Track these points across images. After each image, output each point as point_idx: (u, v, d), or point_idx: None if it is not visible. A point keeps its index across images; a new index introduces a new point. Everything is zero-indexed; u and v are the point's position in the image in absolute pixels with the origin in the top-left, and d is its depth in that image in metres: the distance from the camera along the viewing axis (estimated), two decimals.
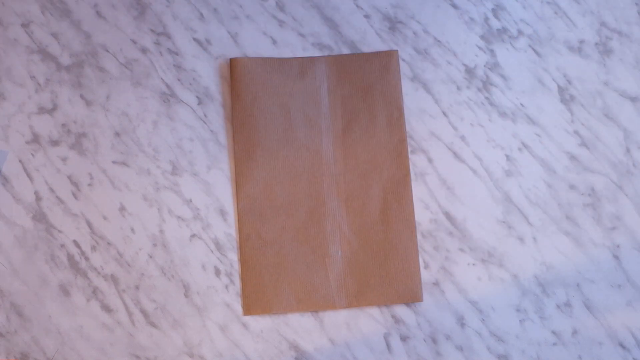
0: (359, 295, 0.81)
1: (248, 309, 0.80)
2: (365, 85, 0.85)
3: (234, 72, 0.85)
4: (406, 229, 0.82)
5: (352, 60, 0.86)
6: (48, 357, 0.80)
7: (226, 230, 0.83)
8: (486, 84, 0.86)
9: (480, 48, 0.87)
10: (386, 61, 0.86)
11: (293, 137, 0.84)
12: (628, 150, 0.85)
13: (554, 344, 0.81)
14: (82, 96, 0.85)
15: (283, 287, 0.81)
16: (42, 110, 0.85)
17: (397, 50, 0.86)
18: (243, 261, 0.81)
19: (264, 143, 0.84)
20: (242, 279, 0.81)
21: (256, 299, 0.81)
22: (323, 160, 0.84)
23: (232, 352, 0.80)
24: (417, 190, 0.84)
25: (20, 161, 0.83)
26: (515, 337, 0.81)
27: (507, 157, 0.85)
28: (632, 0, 0.89)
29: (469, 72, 0.87)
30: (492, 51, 0.87)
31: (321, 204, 0.83)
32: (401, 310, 0.82)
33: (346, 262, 0.82)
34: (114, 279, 0.81)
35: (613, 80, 0.87)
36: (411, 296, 0.81)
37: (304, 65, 0.86)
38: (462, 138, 0.85)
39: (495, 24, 0.88)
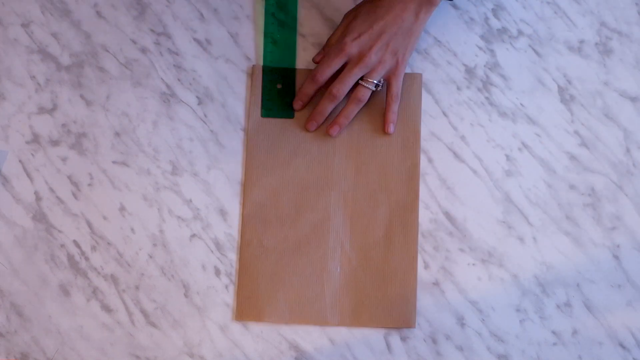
0: (352, 314, 0.80)
1: (240, 315, 0.80)
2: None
3: (254, 78, 0.85)
4: (408, 254, 0.82)
5: None
6: (48, 357, 0.79)
7: (226, 230, 0.83)
8: (486, 84, 0.86)
9: (480, 48, 0.87)
10: (409, 84, 0.85)
11: (306, 149, 0.84)
12: (628, 150, 0.85)
13: (554, 344, 0.81)
14: (82, 96, 0.85)
15: (277, 297, 0.80)
16: (42, 110, 0.85)
17: (420, 74, 0.86)
18: (241, 266, 0.81)
19: (276, 151, 0.83)
20: (238, 284, 0.81)
21: (249, 305, 0.80)
22: (333, 175, 0.83)
23: (232, 352, 0.80)
24: None
25: (20, 161, 0.83)
26: (515, 337, 0.81)
27: (507, 157, 0.85)
28: (632, 0, 0.89)
29: (469, 72, 0.87)
30: (492, 51, 0.87)
31: (326, 219, 0.82)
32: None
33: (344, 280, 0.81)
34: (114, 279, 0.81)
35: (613, 80, 0.87)
36: (404, 321, 0.80)
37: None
38: (462, 138, 0.85)
39: (495, 24, 0.88)
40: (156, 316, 0.80)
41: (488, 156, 0.85)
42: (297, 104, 0.84)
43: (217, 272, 0.82)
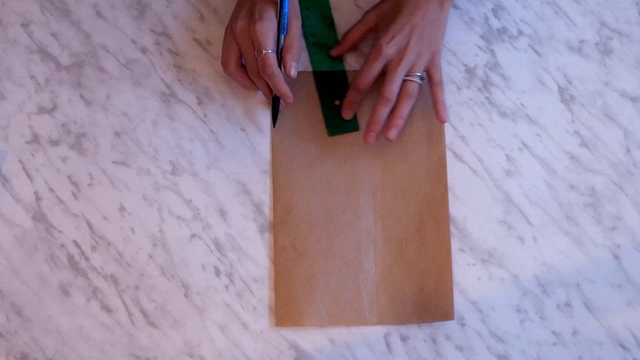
0: (390, 312, 0.80)
1: (280, 321, 0.80)
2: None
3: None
4: (442, 248, 0.82)
5: None
6: (48, 357, 0.80)
7: (226, 230, 0.83)
8: (486, 84, 0.86)
9: (480, 48, 0.87)
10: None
11: (332, 152, 0.83)
12: (628, 150, 0.85)
13: (554, 344, 0.81)
14: (82, 96, 0.85)
15: (315, 300, 0.80)
16: (41, 110, 0.85)
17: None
18: (277, 272, 0.81)
19: (302, 156, 0.83)
20: (276, 290, 0.80)
21: (288, 310, 0.80)
22: (360, 175, 0.83)
23: (232, 352, 0.80)
24: None
25: (20, 161, 0.83)
26: (516, 337, 0.81)
27: (507, 157, 0.85)
28: (632, 0, 0.89)
29: (469, 72, 0.87)
30: (492, 51, 0.87)
31: (357, 219, 0.82)
32: None
33: (379, 278, 0.81)
34: (113, 279, 0.81)
35: (613, 80, 0.87)
36: (443, 315, 0.80)
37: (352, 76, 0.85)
38: (462, 138, 0.85)
39: (495, 23, 0.88)
40: (156, 316, 0.80)
41: (488, 156, 0.85)
42: (346, 114, 0.84)
43: (217, 272, 0.82)
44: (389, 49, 0.81)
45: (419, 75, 0.82)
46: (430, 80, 0.83)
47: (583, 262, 0.82)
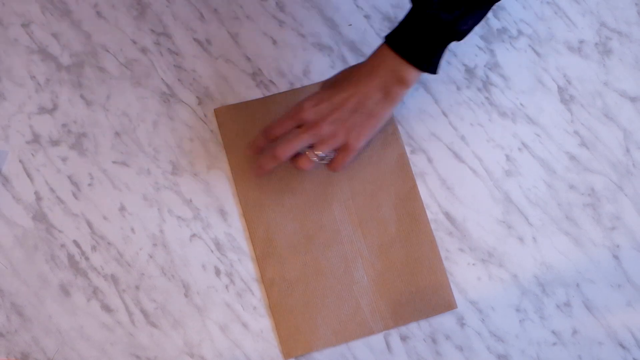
0: (393, 316, 0.80)
1: (288, 353, 0.80)
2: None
3: (221, 121, 0.84)
4: (425, 240, 0.82)
5: None
6: (48, 357, 0.80)
7: (226, 230, 0.83)
8: (486, 84, 0.86)
9: (480, 48, 0.87)
10: None
11: (294, 173, 0.83)
12: (628, 150, 0.85)
13: (554, 344, 0.81)
14: (82, 96, 0.85)
15: (318, 324, 0.80)
16: (42, 110, 0.85)
17: None
18: (272, 306, 0.80)
19: (266, 185, 0.83)
20: (276, 324, 0.80)
21: (294, 340, 0.80)
22: (328, 189, 0.83)
23: (232, 352, 0.80)
24: None
25: (20, 161, 0.83)
26: (515, 337, 0.81)
27: (507, 157, 0.85)
28: (632, 0, 0.89)
29: (469, 72, 0.87)
30: (492, 51, 0.87)
31: (336, 233, 0.82)
32: None
33: (374, 286, 0.81)
34: (114, 279, 0.81)
35: (613, 80, 0.87)
36: (445, 306, 0.80)
37: (289, 98, 0.85)
38: (462, 138, 0.85)
39: (495, 24, 0.88)
40: (156, 316, 0.81)
41: (488, 156, 0.85)
42: (251, 152, 0.79)
43: (217, 272, 0.82)
44: (309, 114, 0.74)
45: (320, 156, 0.76)
46: (331, 161, 0.77)
47: (583, 262, 0.83)
